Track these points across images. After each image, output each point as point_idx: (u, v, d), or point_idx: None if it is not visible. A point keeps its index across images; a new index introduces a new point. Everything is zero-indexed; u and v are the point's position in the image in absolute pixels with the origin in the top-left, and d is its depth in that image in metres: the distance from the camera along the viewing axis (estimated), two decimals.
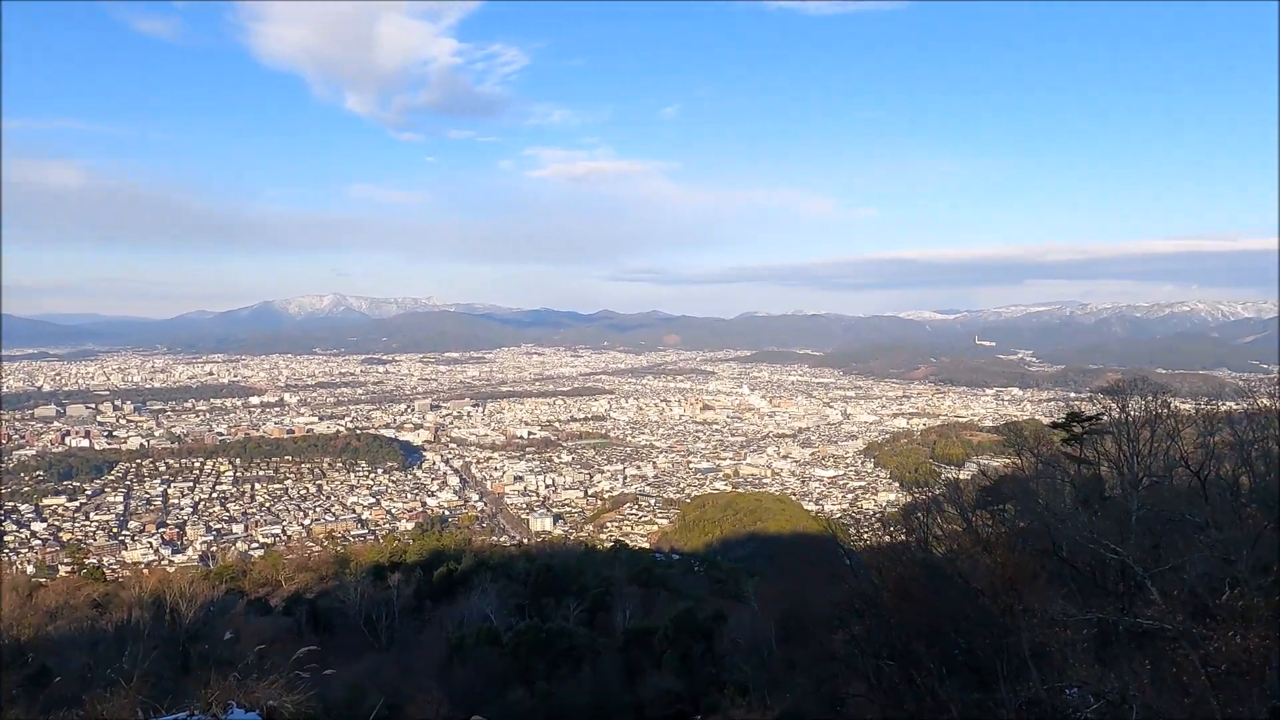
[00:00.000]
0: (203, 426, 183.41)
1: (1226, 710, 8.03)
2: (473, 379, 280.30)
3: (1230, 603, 8.92)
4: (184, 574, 48.79)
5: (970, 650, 14.00)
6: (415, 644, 38.02)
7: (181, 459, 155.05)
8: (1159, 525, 13.02)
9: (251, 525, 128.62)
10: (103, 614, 39.19)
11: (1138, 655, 9.61)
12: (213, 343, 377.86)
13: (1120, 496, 16.30)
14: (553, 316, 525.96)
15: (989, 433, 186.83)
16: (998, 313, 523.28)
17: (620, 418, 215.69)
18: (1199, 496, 13.97)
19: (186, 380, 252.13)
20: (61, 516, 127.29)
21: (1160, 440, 19.97)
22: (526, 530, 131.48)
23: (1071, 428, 22.73)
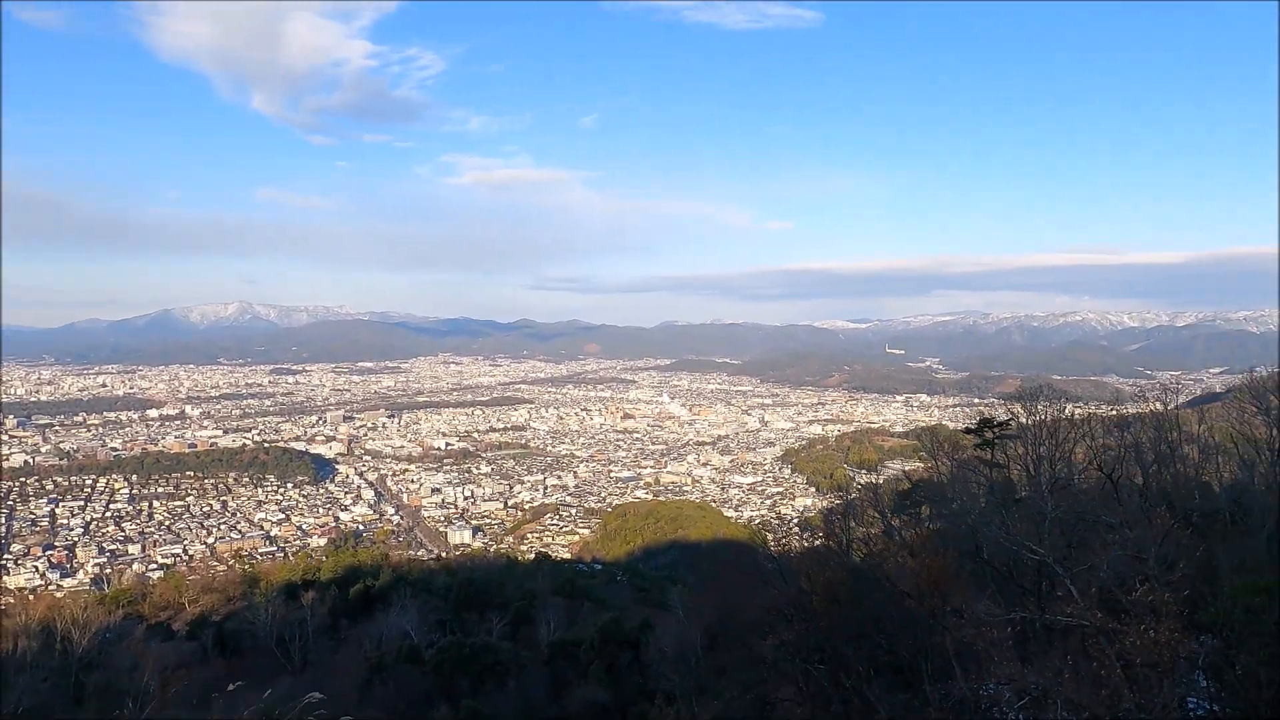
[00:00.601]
0: (95, 441, 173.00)
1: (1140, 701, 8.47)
2: (388, 389, 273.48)
3: (1141, 598, 9.45)
4: (76, 599, 45.70)
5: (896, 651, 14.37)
6: (332, 665, 36.67)
7: (71, 476, 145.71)
8: (1072, 525, 13.70)
9: (149, 545, 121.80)
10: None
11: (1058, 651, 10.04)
12: (106, 352, 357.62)
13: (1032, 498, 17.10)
14: (471, 325, 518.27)
15: (900, 438, 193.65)
16: (906, 322, 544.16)
17: (540, 427, 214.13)
18: (1110, 497, 14.75)
19: (77, 393, 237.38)
20: None
21: (1065, 444, 21.06)
22: (445, 543, 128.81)
23: (983, 433, 23.74)
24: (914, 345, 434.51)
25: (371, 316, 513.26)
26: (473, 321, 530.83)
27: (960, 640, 11.78)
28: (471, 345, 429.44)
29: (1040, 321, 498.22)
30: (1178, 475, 19.54)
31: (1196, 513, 13.55)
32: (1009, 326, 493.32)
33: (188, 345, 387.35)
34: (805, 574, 16.36)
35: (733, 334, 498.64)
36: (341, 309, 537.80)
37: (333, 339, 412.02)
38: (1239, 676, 8.58)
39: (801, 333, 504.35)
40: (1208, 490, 19.56)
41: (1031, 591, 13.34)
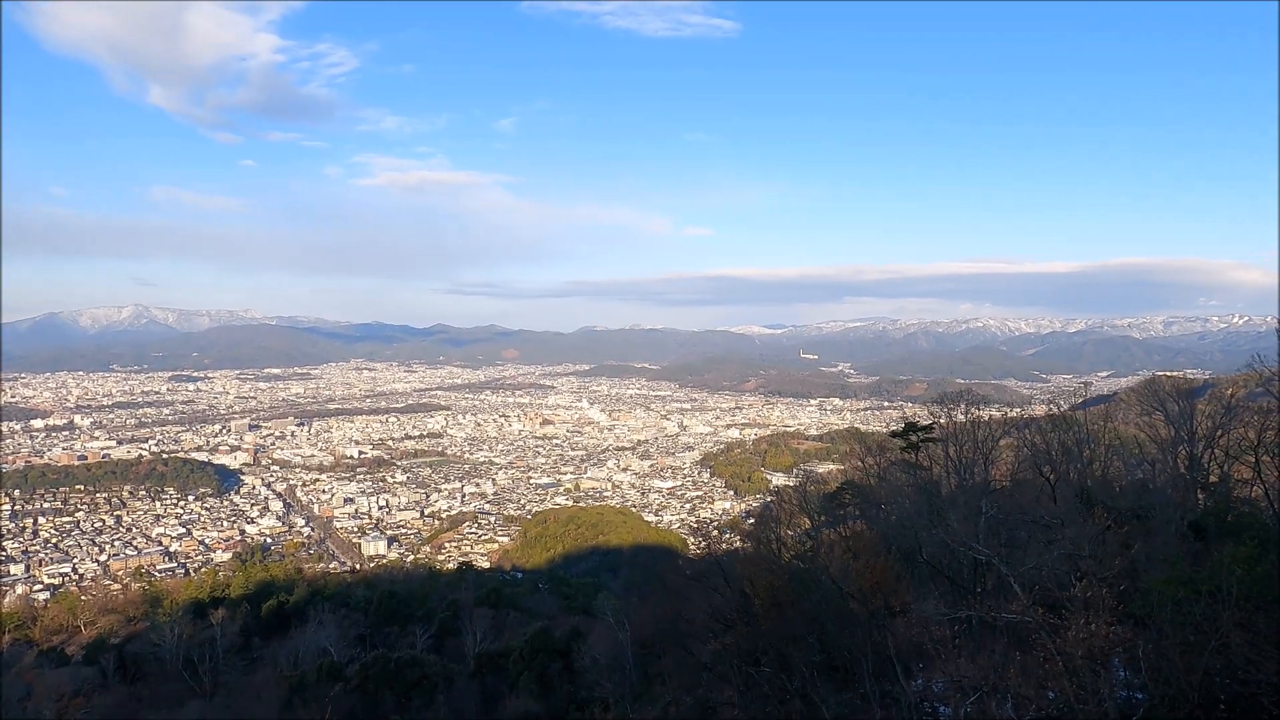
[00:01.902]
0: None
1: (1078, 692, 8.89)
2: (297, 396, 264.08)
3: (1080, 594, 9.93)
4: None
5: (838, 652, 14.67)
6: (246, 686, 34.95)
7: None
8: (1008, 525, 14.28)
9: (34, 564, 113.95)
10: None
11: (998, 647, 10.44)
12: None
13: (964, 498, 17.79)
14: (385, 331, 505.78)
15: (815, 441, 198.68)
16: (819, 328, 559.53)
17: (458, 434, 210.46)
18: (1044, 496, 15.49)
19: None
20: None
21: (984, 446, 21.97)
22: (359, 555, 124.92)
23: (909, 437, 24.55)
24: (827, 350, 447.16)
25: (279, 321, 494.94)
26: (387, 327, 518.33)
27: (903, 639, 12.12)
28: (385, 351, 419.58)
29: (945, 327, 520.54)
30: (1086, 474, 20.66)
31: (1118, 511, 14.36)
32: (916, 332, 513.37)
33: (77, 351, 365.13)
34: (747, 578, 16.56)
35: (651, 339, 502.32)
36: (247, 313, 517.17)
37: (237, 344, 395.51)
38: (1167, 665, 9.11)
39: (719, 338, 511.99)
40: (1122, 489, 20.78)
41: (969, 590, 13.86)
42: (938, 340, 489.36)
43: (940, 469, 23.94)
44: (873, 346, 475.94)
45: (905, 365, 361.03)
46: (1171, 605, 9.89)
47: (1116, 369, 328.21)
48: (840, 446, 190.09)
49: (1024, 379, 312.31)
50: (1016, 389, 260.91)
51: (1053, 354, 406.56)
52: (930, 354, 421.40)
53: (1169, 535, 14.90)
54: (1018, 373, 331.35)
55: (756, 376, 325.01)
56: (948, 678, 10.30)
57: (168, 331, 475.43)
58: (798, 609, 15.13)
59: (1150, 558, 13.30)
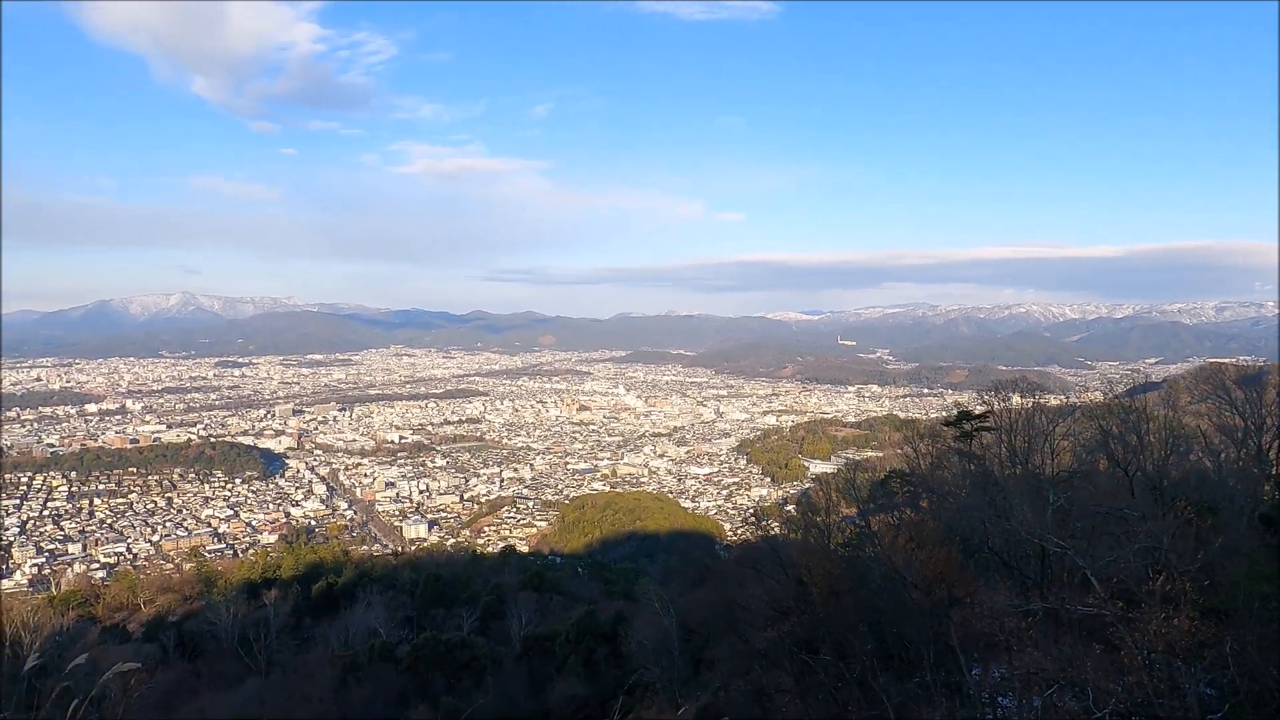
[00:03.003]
0: (30, 437, 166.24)
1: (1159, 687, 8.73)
2: (339, 382, 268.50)
3: (1160, 588, 9.73)
4: (24, 601, 43.94)
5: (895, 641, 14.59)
6: (299, 665, 35.82)
7: (5, 474, 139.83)
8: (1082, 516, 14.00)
9: (91, 544, 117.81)
10: None
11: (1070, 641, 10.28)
12: (40, 345, 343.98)
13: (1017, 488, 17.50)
14: (423, 317, 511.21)
15: (853, 428, 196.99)
16: (858, 313, 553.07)
17: (496, 420, 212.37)
18: (1120, 488, 15.19)
19: (9, 387, 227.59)
20: None
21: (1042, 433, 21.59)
22: (400, 538, 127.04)
23: (962, 425, 24.21)
24: (865, 337, 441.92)
25: (321, 308, 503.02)
26: (425, 313, 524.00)
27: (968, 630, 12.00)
28: (424, 337, 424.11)
29: (986, 313, 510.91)
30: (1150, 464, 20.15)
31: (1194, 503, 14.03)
32: (956, 318, 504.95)
33: (127, 338, 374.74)
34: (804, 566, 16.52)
35: (687, 326, 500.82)
36: (289, 300, 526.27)
37: (280, 331, 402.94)
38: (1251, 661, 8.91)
39: (755, 324, 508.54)
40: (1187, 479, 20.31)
41: (1036, 581, 13.66)
42: (979, 326, 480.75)
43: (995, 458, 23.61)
44: (912, 332, 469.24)
45: (945, 351, 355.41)
46: (1259, 601, 9.67)
47: (1165, 355, 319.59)
48: (879, 433, 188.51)
49: (1068, 365, 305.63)
50: (1061, 375, 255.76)
51: (1098, 340, 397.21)
52: (971, 340, 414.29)
53: (1240, 528, 14.54)
54: (1062, 359, 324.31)
55: (793, 363, 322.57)
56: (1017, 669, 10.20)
57: (214, 318, 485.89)
58: (854, 597, 15.07)
59: (1225, 551, 12.96)
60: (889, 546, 16.10)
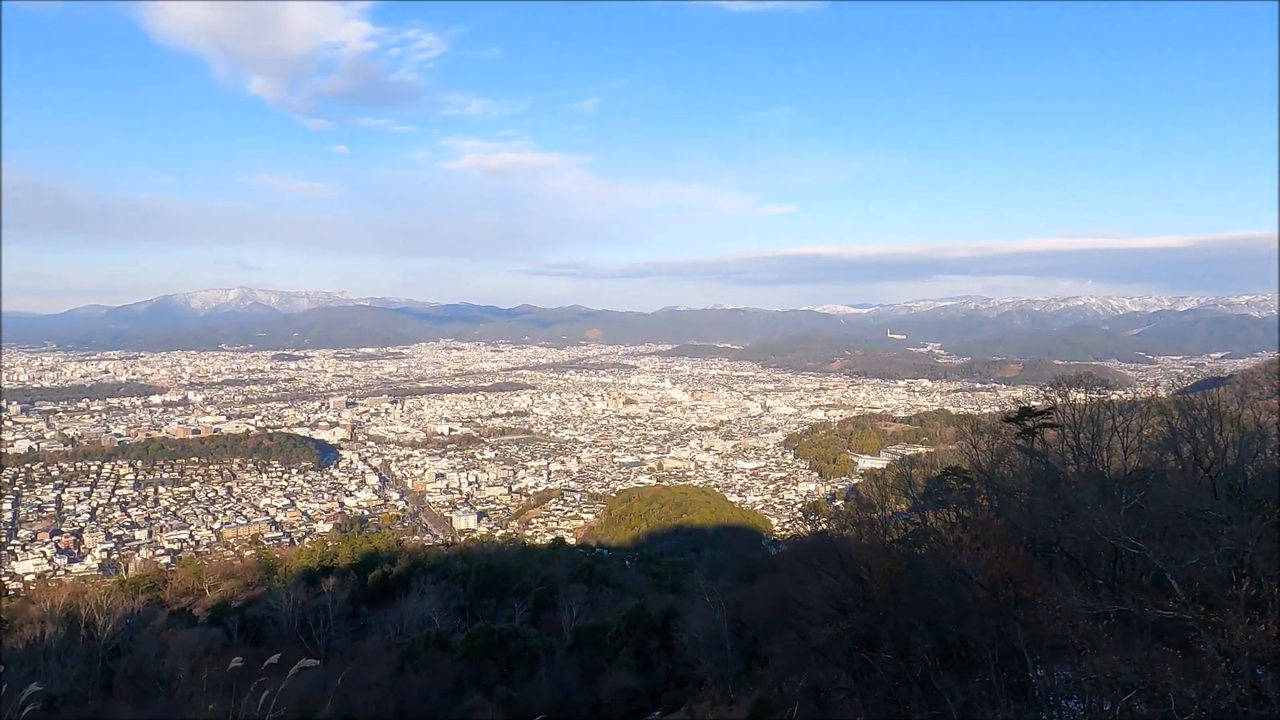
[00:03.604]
0: (99, 428, 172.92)
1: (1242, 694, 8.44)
2: (390, 375, 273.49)
3: (1245, 594, 9.40)
4: (98, 586, 45.77)
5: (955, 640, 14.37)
6: (357, 651, 36.66)
7: (76, 462, 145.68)
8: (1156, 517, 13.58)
9: (156, 531, 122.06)
10: (9, 631, 36.48)
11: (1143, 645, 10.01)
12: (108, 339, 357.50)
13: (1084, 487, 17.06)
14: (472, 311, 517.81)
15: (903, 423, 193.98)
16: (908, 307, 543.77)
17: (543, 413, 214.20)
18: (1202, 488, 14.69)
19: (80, 379, 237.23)
20: None
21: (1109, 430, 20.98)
22: (450, 528, 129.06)
23: (1024, 421, 23.66)
24: (915, 330, 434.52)
25: (372, 302, 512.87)
26: (474, 307, 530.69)
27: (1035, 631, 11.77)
28: (473, 331, 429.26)
29: (1041, 306, 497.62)
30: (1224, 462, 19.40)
31: None
32: (1010, 311, 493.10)
33: (189, 332, 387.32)
34: (864, 563, 16.37)
35: (734, 319, 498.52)
36: (342, 295, 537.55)
37: (334, 325, 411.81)
38: None
39: (803, 318, 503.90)
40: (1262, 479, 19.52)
41: (1108, 583, 13.30)
42: (1034, 320, 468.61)
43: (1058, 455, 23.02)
44: (964, 326, 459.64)
45: (999, 346, 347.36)
46: None
47: (1231, 350, 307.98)
48: (930, 429, 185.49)
49: (1128, 360, 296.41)
50: (1120, 370, 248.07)
51: (1160, 334, 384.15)
52: (1026, 334, 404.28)
53: None
54: (1121, 353, 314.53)
55: (842, 357, 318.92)
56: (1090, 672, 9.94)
57: (270, 313, 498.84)
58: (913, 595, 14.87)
59: None
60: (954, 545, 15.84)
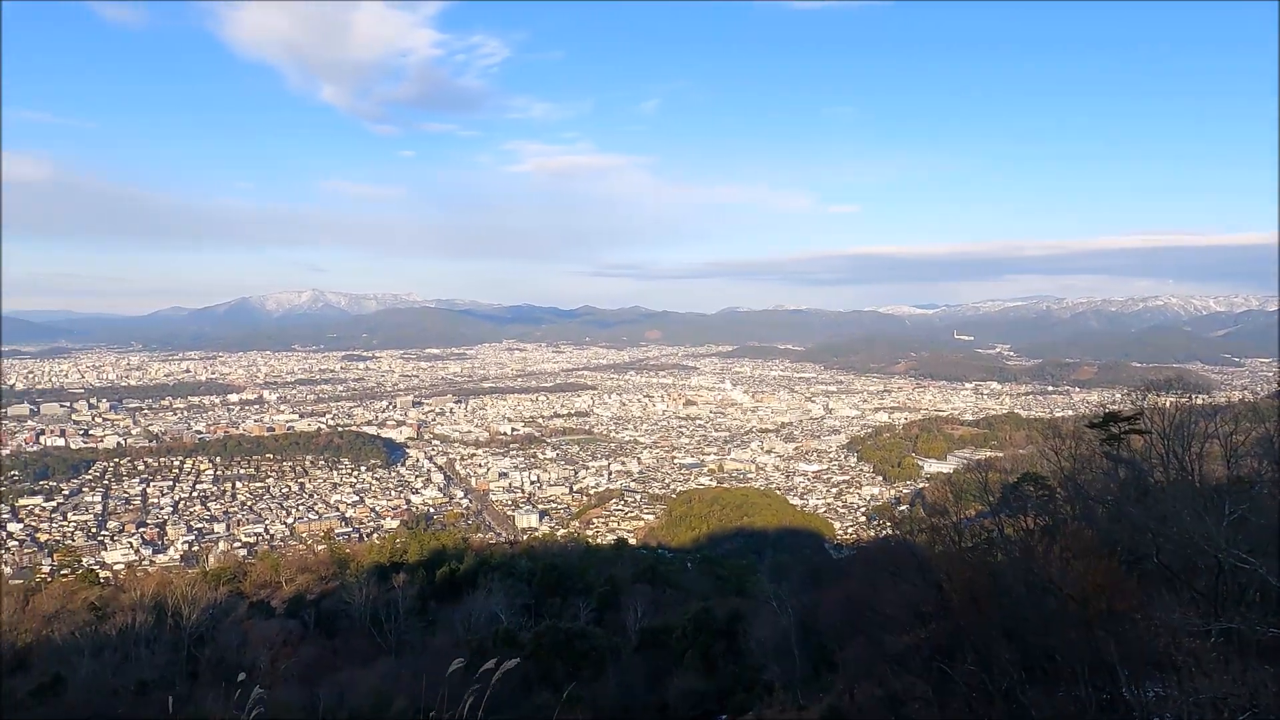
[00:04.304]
0: (181, 424, 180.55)
1: None
2: (454, 375, 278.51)
3: None
4: (183, 576, 47.78)
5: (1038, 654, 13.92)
6: (426, 646, 37.46)
7: (160, 458, 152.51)
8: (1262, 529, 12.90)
9: (234, 524, 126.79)
10: (103, 619, 38.33)
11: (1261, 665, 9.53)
12: (189, 339, 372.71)
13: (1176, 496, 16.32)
14: (534, 312, 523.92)
15: (971, 426, 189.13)
16: (975, 307, 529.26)
17: (604, 413, 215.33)
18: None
19: (163, 378, 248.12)
20: (38, 517, 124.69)
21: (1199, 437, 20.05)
22: (512, 527, 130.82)
23: (1109, 427, 22.76)
24: (983, 331, 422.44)
25: (438, 304, 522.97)
26: (535, 308, 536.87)
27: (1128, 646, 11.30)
28: (534, 332, 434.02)
29: (1119, 306, 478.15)
30: None
31: None
32: (1085, 312, 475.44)
33: (264, 332, 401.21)
34: (944, 571, 16.00)
35: (796, 320, 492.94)
36: (409, 296, 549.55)
37: (401, 326, 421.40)
38: None
39: (866, 319, 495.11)
40: None
41: (1209, 598, 12.70)
42: (1110, 320, 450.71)
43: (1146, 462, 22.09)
44: (1035, 327, 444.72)
45: (1072, 347, 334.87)
46: None
47: None
48: (999, 433, 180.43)
49: (1211, 362, 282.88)
50: (1204, 373, 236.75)
51: (1247, 335, 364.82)
52: (1101, 335, 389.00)
53: None
54: (1204, 355, 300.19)
55: (906, 358, 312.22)
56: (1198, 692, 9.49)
57: (340, 314, 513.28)
58: (997, 605, 14.46)
59: None
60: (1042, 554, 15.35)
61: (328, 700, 25.11)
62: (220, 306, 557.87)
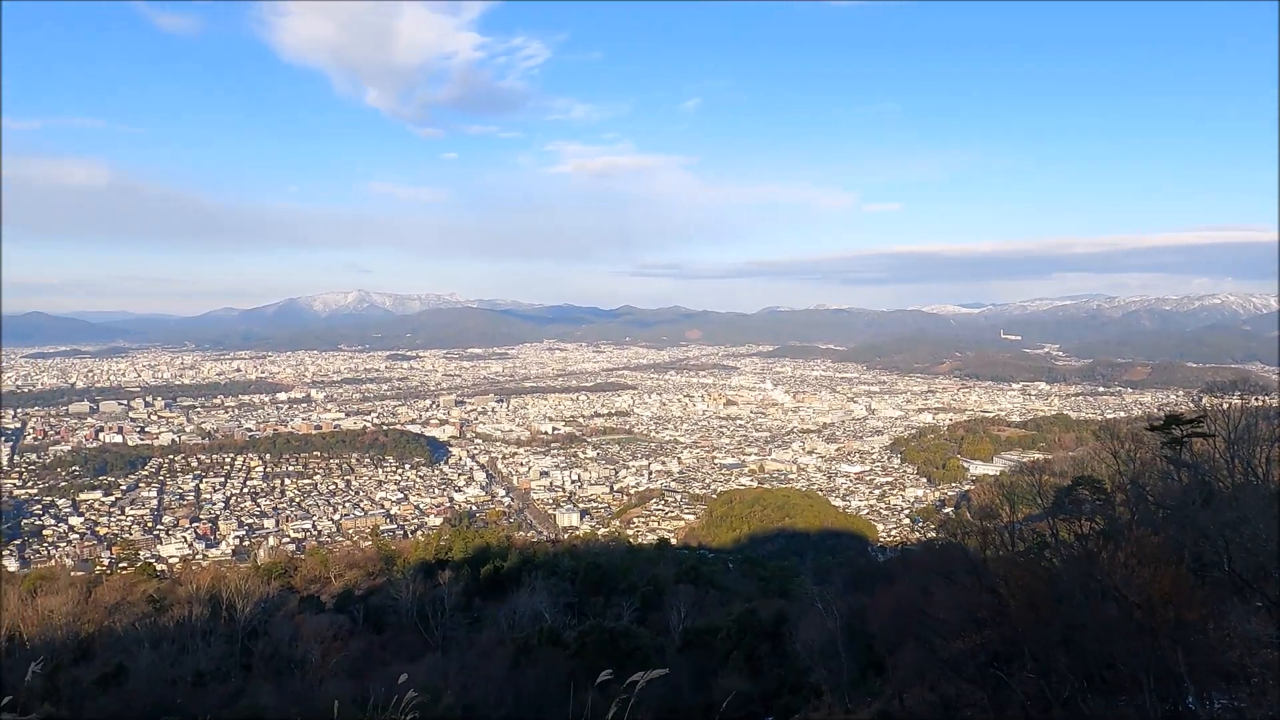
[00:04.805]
0: (232, 422, 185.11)
1: None
2: (496, 375, 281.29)
3: None
4: (236, 571, 48.96)
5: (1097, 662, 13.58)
6: (471, 643, 37.87)
7: (212, 454, 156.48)
8: None
9: (283, 520, 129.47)
10: (161, 611, 39.44)
11: None
12: (239, 339, 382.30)
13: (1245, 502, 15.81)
14: (574, 312, 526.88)
15: (1018, 428, 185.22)
16: (1023, 306, 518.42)
17: (644, 413, 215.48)
18: None
19: (215, 376, 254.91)
20: (98, 511, 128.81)
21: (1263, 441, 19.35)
22: (554, 525, 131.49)
23: (1171, 430, 22.06)
24: (1031, 331, 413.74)
25: (480, 304, 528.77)
26: (575, 308, 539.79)
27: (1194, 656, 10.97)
28: (575, 332, 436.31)
29: (1173, 305, 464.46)
30: None
31: None
32: (1137, 310, 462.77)
33: (312, 332, 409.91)
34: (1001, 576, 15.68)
35: (837, 320, 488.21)
36: (451, 296, 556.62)
37: (444, 326, 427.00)
38: None
39: (909, 318, 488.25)
40: None
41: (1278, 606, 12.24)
42: (1164, 319, 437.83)
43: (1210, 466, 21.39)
44: (1085, 326, 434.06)
45: (1124, 347, 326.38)
46: None
47: None
48: (1047, 434, 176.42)
49: (1272, 362, 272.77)
50: (1264, 374, 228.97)
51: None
52: (1154, 334, 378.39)
53: None
54: (1264, 355, 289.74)
55: (951, 358, 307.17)
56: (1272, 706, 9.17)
57: (385, 314, 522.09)
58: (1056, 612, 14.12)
59: None
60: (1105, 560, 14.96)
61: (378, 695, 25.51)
62: (269, 307, 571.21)
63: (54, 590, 41.03)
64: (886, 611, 23.97)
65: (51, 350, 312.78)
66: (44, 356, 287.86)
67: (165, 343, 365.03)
